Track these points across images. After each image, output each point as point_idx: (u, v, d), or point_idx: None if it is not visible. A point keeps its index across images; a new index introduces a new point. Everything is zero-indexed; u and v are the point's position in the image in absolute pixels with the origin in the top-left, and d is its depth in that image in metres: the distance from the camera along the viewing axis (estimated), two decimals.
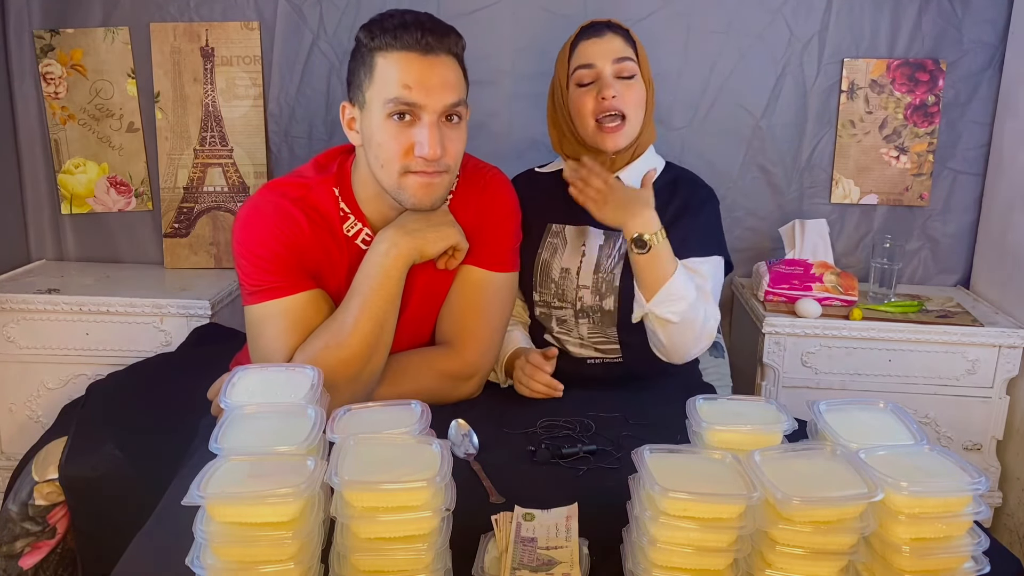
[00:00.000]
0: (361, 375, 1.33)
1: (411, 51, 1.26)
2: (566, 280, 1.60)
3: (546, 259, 1.62)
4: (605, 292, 1.58)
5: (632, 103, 1.54)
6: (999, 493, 2.05)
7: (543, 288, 1.62)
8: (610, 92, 1.51)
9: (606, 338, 1.61)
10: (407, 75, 1.26)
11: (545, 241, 1.63)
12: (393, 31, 1.26)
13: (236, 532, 0.85)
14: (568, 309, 1.61)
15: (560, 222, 1.64)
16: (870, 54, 2.17)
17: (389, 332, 1.37)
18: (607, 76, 1.53)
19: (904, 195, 2.23)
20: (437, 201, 1.35)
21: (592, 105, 1.53)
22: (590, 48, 1.56)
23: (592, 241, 1.61)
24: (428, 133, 1.27)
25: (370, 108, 1.29)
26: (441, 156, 1.28)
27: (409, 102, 1.26)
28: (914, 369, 1.98)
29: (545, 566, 0.93)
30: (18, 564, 1.47)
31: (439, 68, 1.27)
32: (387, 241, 1.35)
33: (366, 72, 1.29)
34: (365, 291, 1.34)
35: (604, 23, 1.58)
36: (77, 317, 2.02)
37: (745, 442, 1.01)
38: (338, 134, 2.22)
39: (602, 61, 1.54)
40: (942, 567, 0.88)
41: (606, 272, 1.58)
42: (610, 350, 1.61)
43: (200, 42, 2.19)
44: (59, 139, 2.24)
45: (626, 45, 1.56)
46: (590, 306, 1.59)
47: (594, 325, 1.60)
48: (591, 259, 1.59)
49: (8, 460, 2.07)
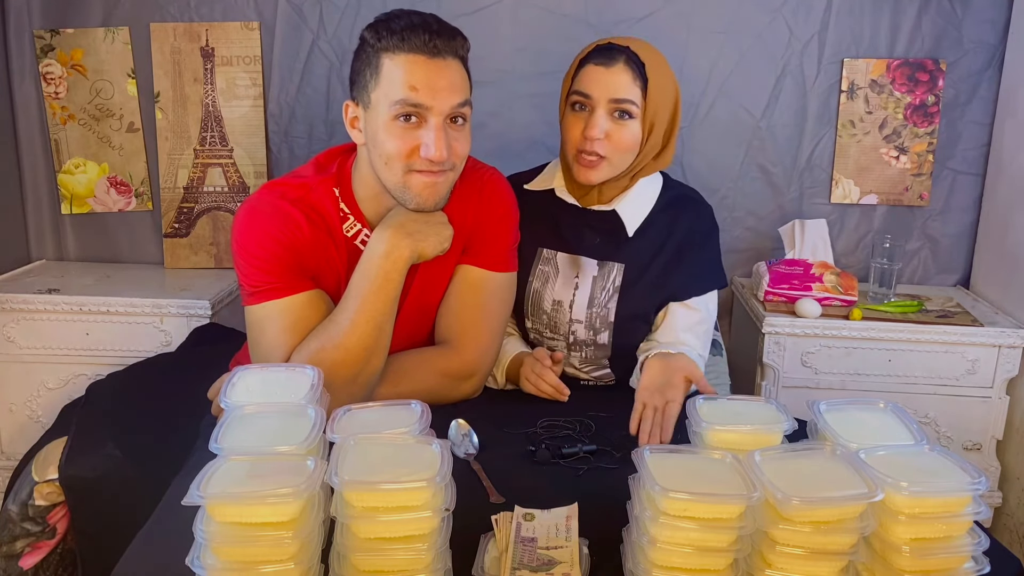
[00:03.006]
0: (359, 377, 1.33)
1: (418, 54, 1.26)
2: (558, 313, 1.56)
3: (537, 288, 1.57)
4: (599, 327, 1.54)
5: (618, 146, 1.45)
6: (999, 493, 2.05)
7: (534, 317, 1.59)
8: (595, 132, 1.43)
9: (599, 367, 1.59)
10: (414, 77, 1.26)
11: (536, 268, 1.57)
12: (400, 33, 1.26)
13: (236, 532, 0.85)
14: (560, 341, 1.57)
15: (552, 247, 1.57)
16: (870, 54, 2.17)
17: (387, 334, 1.36)
18: (600, 112, 1.44)
19: (904, 195, 2.23)
20: (441, 201, 1.35)
21: (577, 134, 1.46)
22: (592, 75, 1.45)
23: (586, 271, 1.54)
24: (435, 135, 1.27)
25: (375, 108, 1.29)
26: (447, 158, 1.29)
27: (416, 103, 1.26)
28: (914, 369, 1.98)
29: (545, 566, 0.93)
30: (18, 564, 1.47)
31: (446, 71, 1.28)
32: (386, 242, 1.33)
33: (372, 72, 1.29)
34: (364, 293, 1.33)
35: (621, 48, 1.45)
36: (77, 317, 2.02)
37: (745, 442, 1.01)
38: (338, 134, 2.22)
39: (599, 94, 1.43)
40: (942, 567, 0.88)
41: (600, 307, 1.53)
42: (604, 375, 1.60)
43: (200, 42, 2.19)
44: (59, 139, 2.24)
45: (633, 83, 1.44)
46: (583, 340, 1.55)
47: (586, 359, 1.57)
48: (584, 292, 1.54)
49: (8, 460, 2.07)
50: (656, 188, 1.58)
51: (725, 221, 2.22)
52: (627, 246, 1.54)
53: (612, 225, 1.55)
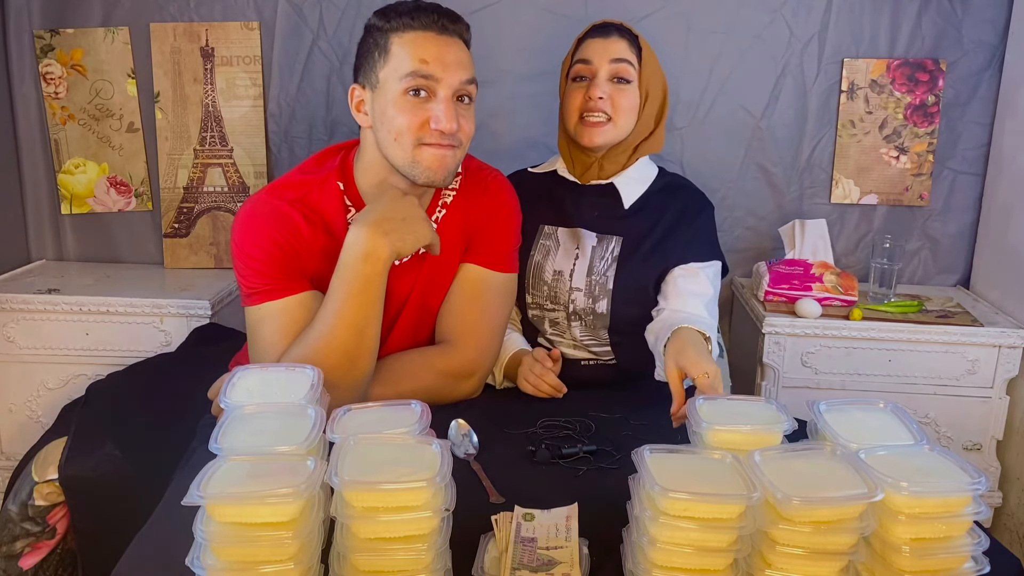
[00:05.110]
0: (343, 381, 1.29)
1: (428, 30, 1.30)
2: (559, 282, 1.59)
3: (538, 261, 1.61)
4: (598, 295, 1.57)
5: (621, 107, 1.54)
6: (999, 493, 2.05)
7: (535, 290, 1.62)
8: (597, 92, 1.52)
9: (598, 340, 1.60)
10: (425, 51, 1.29)
11: (538, 243, 1.63)
12: (409, 13, 1.30)
13: (236, 532, 0.85)
14: (560, 311, 1.60)
15: (552, 223, 1.63)
16: (870, 54, 2.16)
17: (370, 337, 1.32)
18: (601, 75, 1.54)
19: (904, 195, 2.23)
20: (449, 176, 1.35)
21: (580, 101, 1.55)
22: (592, 45, 1.56)
23: (585, 243, 1.60)
24: (444, 108, 1.29)
25: (384, 87, 1.31)
26: (456, 131, 1.30)
27: (426, 75, 1.28)
28: (914, 369, 1.98)
29: (545, 566, 0.93)
30: (18, 564, 1.47)
31: (453, 47, 1.31)
32: (365, 244, 1.28)
33: (380, 53, 1.31)
34: (342, 297, 1.28)
35: (614, 25, 1.58)
36: (77, 317, 2.02)
37: (745, 442, 1.01)
38: (338, 134, 2.22)
39: (599, 59, 1.54)
40: (942, 567, 0.88)
41: (599, 275, 1.57)
42: (603, 352, 1.61)
43: (200, 42, 2.19)
44: (59, 139, 2.24)
45: (629, 49, 1.56)
46: (582, 308, 1.58)
47: (586, 328, 1.60)
48: (584, 261, 1.59)
49: (8, 460, 2.07)
50: (652, 172, 1.67)
51: (725, 221, 2.22)
52: (625, 220, 1.60)
53: (610, 199, 1.61)
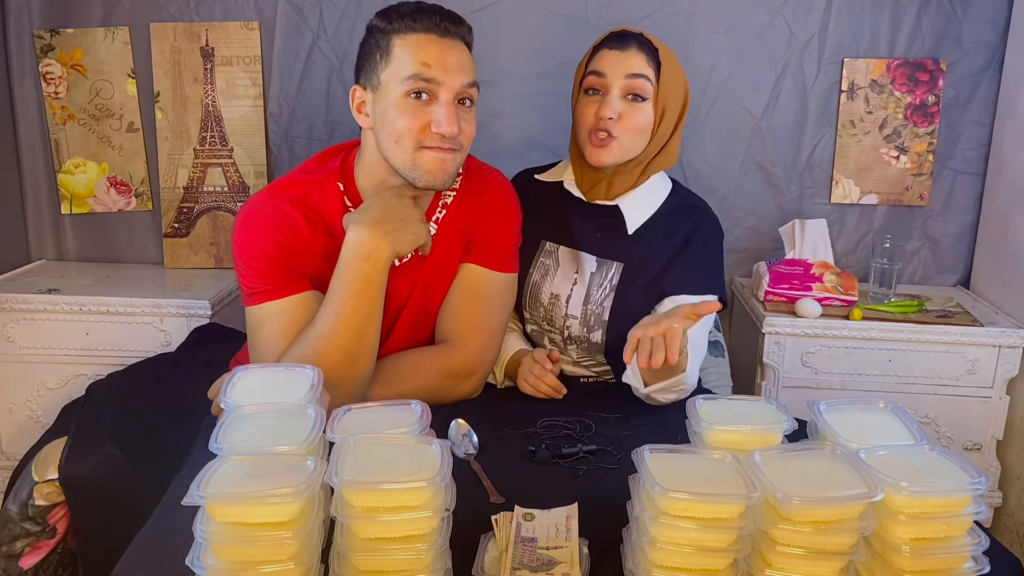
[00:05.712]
0: (344, 381, 1.29)
1: (430, 33, 1.30)
2: (555, 307, 1.56)
3: (536, 281, 1.58)
4: (593, 325, 1.53)
5: (630, 127, 1.46)
6: (999, 493, 2.05)
7: (532, 310, 1.59)
8: (608, 111, 1.45)
9: (596, 362, 1.59)
10: (426, 54, 1.28)
11: (537, 260, 1.58)
12: (411, 15, 1.30)
13: (236, 532, 0.85)
14: (557, 334, 1.58)
15: (555, 241, 1.58)
16: (870, 54, 2.17)
17: (371, 336, 1.32)
18: (614, 92, 1.46)
19: (904, 195, 2.23)
20: (449, 179, 1.35)
21: (591, 118, 1.48)
22: (607, 57, 1.48)
23: (585, 267, 1.54)
24: (445, 111, 1.29)
25: (385, 89, 1.30)
26: (457, 135, 1.30)
27: (428, 78, 1.28)
28: (914, 369, 1.98)
29: (545, 566, 0.93)
30: (18, 564, 1.47)
31: (455, 50, 1.31)
32: (366, 244, 1.29)
33: (382, 54, 1.30)
34: (343, 297, 1.29)
35: (633, 35, 1.49)
36: (77, 317, 2.02)
37: (745, 442, 1.01)
38: (338, 134, 2.22)
39: (614, 73, 1.46)
40: (942, 567, 0.88)
41: (596, 304, 1.53)
42: (603, 371, 1.60)
43: (200, 42, 2.19)
44: (59, 139, 2.24)
45: (647, 63, 1.47)
46: (577, 336, 1.55)
47: (583, 352, 1.58)
48: (582, 288, 1.54)
49: (8, 460, 2.07)
50: (664, 192, 1.58)
51: (725, 221, 2.21)
52: (627, 245, 1.54)
53: (615, 221, 1.55)
